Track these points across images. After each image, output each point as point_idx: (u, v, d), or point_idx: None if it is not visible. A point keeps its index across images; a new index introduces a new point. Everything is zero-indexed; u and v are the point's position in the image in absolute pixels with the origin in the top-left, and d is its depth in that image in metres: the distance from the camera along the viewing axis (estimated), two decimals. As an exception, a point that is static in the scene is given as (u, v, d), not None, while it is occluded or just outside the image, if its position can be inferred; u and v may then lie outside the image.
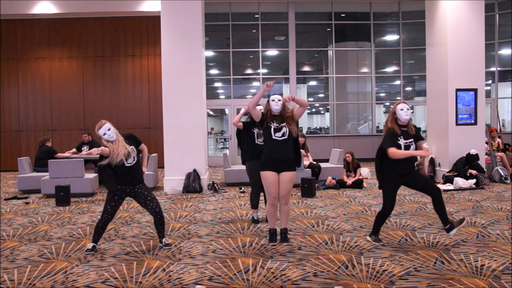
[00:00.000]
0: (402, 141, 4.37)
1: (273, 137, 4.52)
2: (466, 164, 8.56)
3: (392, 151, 4.30)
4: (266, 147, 4.62)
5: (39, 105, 13.63)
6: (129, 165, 4.43)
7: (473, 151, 8.54)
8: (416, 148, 4.45)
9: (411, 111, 4.46)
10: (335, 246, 4.47)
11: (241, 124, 5.43)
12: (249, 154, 5.47)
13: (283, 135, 4.52)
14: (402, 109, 4.41)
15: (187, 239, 4.90)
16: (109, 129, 4.38)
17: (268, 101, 4.64)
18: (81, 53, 13.61)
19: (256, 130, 5.25)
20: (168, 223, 5.74)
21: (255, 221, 5.62)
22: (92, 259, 4.20)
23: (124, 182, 4.44)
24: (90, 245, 4.47)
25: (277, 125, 4.54)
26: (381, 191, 4.71)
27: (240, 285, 3.48)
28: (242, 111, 5.57)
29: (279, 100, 4.55)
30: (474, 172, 8.33)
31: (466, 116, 9.28)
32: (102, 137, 4.38)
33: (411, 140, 4.42)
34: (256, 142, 5.34)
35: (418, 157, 9.20)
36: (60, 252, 4.45)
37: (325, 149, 12.45)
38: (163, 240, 4.58)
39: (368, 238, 4.68)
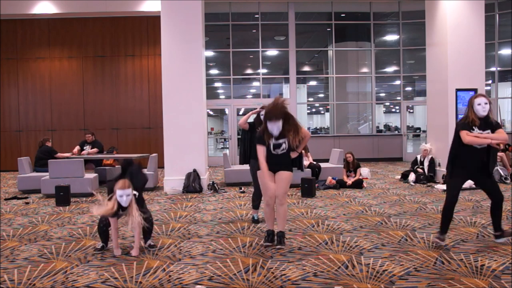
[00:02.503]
0: (477, 131, 4.25)
1: (273, 152, 4.46)
2: None
3: (464, 135, 4.21)
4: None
5: (39, 105, 13.63)
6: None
7: None
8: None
9: (488, 105, 4.28)
10: (335, 246, 4.47)
11: (247, 125, 5.40)
12: (251, 153, 5.45)
13: (282, 150, 4.48)
14: (479, 104, 4.24)
15: (187, 239, 4.90)
16: (128, 195, 4.15)
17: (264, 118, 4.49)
18: (81, 53, 13.61)
19: None
20: (168, 223, 5.74)
21: (255, 221, 5.62)
22: (92, 259, 4.20)
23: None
24: (99, 244, 4.47)
25: (276, 141, 4.45)
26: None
27: (240, 285, 3.48)
28: (250, 112, 5.55)
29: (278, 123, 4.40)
30: None
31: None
32: (117, 196, 4.13)
33: (488, 131, 4.26)
34: None
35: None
36: (60, 252, 4.45)
37: (325, 149, 12.46)
38: (148, 242, 4.52)
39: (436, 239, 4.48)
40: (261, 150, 4.47)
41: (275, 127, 4.38)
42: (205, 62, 9.74)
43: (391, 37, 15.91)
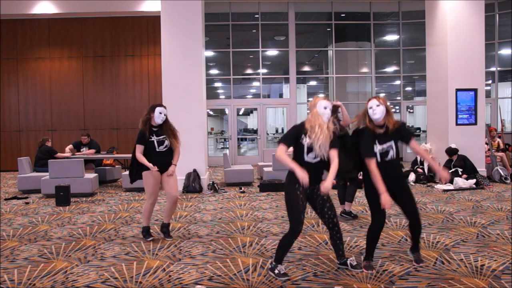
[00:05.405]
0: (377, 148, 3.51)
1: (157, 149, 4.70)
2: (449, 160, 8.68)
3: (372, 168, 3.45)
4: (149, 158, 4.68)
5: (39, 105, 13.63)
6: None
7: (453, 145, 8.83)
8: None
9: (381, 106, 3.51)
10: (335, 246, 4.46)
11: None
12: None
13: (165, 147, 4.74)
14: (371, 107, 3.54)
15: (187, 239, 4.90)
16: (325, 108, 3.49)
17: (153, 111, 4.76)
18: (81, 53, 13.61)
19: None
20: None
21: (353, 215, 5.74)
22: (92, 259, 4.21)
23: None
24: (280, 267, 3.60)
25: (158, 138, 4.73)
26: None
27: (240, 285, 3.48)
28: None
29: (165, 115, 4.77)
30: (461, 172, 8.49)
31: (466, 116, 9.29)
32: (322, 109, 3.49)
33: (390, 143, 3.54)
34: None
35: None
36: (60, 252, 4.45)
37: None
38: (349, 260, 3.74)
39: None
40: (140, 150, 4.71)
41: (162, 114, 4.77)
42: (205, 62, 9.74)
43: (391, 37, 15.90)
